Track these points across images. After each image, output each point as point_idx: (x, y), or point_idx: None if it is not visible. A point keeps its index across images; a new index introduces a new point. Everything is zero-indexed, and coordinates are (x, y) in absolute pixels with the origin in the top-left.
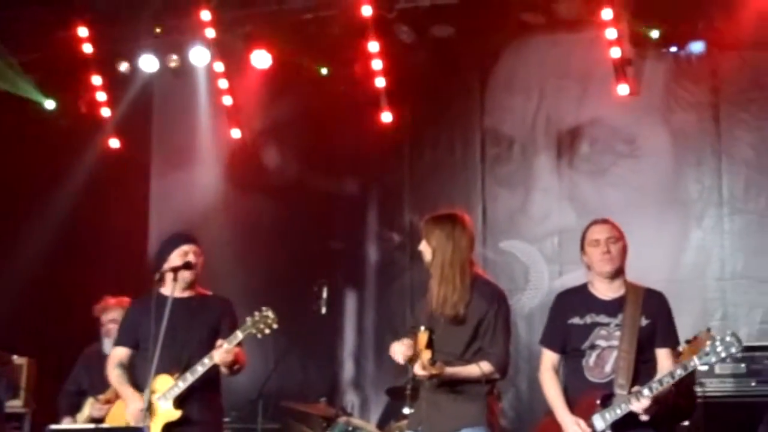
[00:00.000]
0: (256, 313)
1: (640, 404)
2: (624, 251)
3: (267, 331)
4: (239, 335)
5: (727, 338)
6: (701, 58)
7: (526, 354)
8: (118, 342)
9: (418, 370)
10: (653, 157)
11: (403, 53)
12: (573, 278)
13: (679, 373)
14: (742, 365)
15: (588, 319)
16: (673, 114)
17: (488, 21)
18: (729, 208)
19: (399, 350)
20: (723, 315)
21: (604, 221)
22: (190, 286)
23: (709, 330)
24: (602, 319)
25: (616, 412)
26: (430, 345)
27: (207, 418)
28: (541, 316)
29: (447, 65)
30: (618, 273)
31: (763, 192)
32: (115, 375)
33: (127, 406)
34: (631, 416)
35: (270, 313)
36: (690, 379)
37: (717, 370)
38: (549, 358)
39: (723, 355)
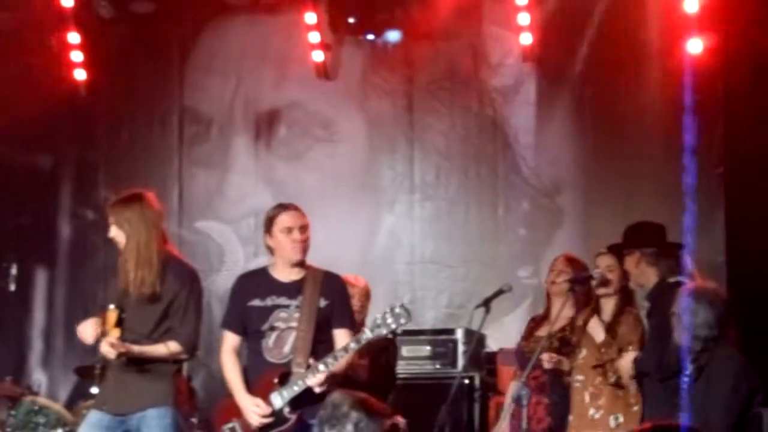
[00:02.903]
0: None
1: (315, 379)
2: (309, 241)
3: None
4: None
5: (397, 309)
6: (397, 47)
7: (219, 334)
8: None
9: (105, 348)
10: (349, 142)
11: (102, 28)
12: (268, 260)
13: (353, 346)
14: (428, 348)
15: (269, 301)
16: (369, 101)
17: None
18: (420, 195)
19: (87, 331)
20: (412, 299)
21: (295, 208)
22: None
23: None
24: (282, 301)
25: (293, 389)
26: (119, 324)
27: None
28: None
29: (146, 42)
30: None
31: (452, 180)
32: None
33: None
34: (309, 392)
35: None
36: (387, 358)
37: (404, 352)
38: (230, 340)
39: (393, 326)
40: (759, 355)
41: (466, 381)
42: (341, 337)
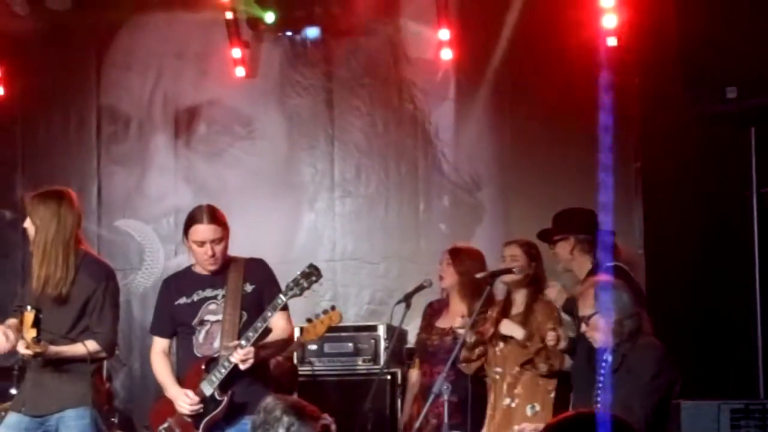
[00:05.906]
0: None
1: (238, 355)
2: (227, 245)
3: None
4: None
5: (306, 269)
6: (316, 44)
7: (139, 333)
8: None
9: (21, 349)
10: (269, 140)
11: (17, 25)
12: (189, 258)
13: (269, 314)
14: (350, 344)
15: (195, 297)
16: (289, 98)
17: None
18: (340, 192)
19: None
20: (333, 296)
21: (210, 219)
22: None
23: (334, 308)
24: (209, 292)
25: (220, 371)
26: (36, 324)
27: None
28: (155, 295)
29: (63, 39)
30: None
31: (372, 177)
32: None
33: None
34: (238, 374)
35: None
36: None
37: (327, 349)
38: (159, 344)
39: (305, 285)
40: (675, 347)
41: (388, 377)
42: (278, 318)
